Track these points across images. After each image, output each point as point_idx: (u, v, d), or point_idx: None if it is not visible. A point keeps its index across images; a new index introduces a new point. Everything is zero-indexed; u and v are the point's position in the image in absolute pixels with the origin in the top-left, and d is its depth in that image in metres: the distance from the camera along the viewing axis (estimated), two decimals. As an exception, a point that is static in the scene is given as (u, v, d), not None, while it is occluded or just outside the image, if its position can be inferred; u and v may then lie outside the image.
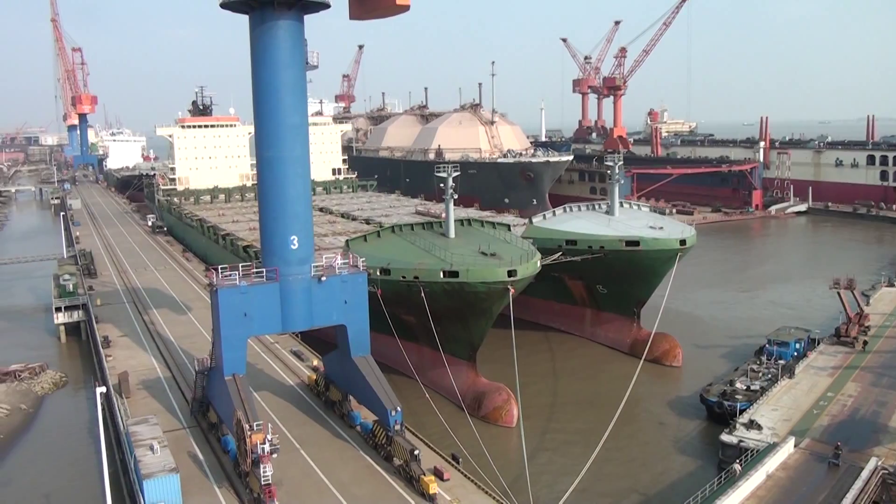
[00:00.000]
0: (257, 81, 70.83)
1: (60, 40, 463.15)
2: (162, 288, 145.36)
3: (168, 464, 64.37)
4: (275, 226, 72.39)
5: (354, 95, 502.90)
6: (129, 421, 76.02)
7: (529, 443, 79.77)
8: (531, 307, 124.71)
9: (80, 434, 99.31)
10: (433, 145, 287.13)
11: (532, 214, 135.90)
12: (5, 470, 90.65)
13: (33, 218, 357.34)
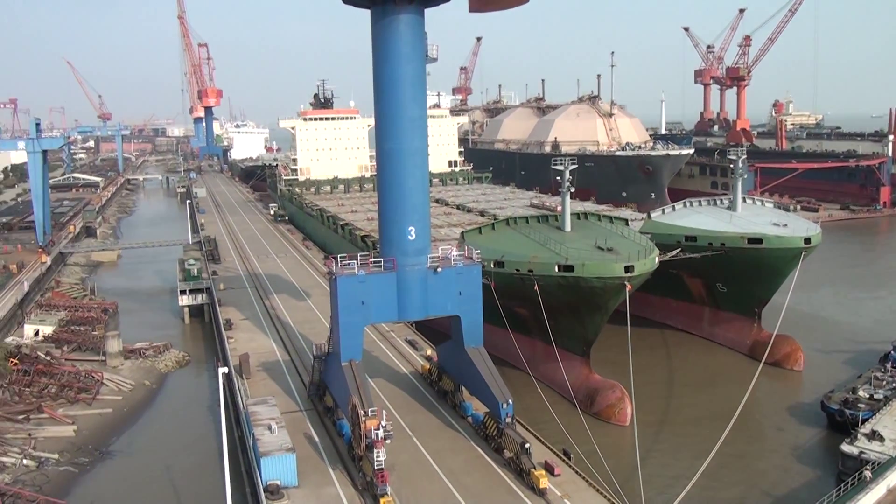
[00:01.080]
0: (378, 75, 72.10)
1: (187, 36, 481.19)
2: (282, 274, 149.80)
3: (285, 443, 66.69)
4: (393, 216, 73.65)
5: (471, 88, 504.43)
6: (248, 401, 79.17)
7: (642, 443, 78.60)
8: (648, 304, 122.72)
9: (199, 411, 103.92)
10: (549, 138, 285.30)
11: (650, 209, 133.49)
12: (129, 441, 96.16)
13: (160, 205, 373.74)
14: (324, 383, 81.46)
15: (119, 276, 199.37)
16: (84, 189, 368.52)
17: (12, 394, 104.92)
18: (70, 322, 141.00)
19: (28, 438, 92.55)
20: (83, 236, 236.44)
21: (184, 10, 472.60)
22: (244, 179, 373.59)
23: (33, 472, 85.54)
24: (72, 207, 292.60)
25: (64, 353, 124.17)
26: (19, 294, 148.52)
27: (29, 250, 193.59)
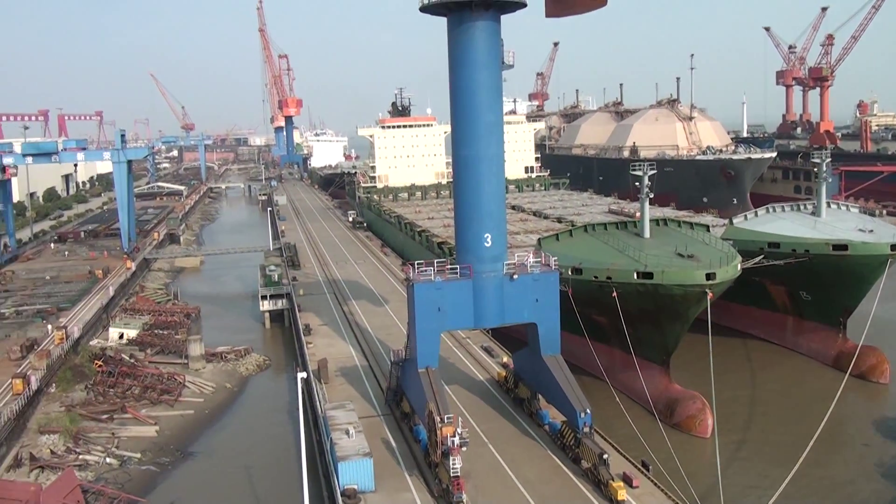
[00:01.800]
0: (454, 81, 72.23)
1: (268, 48, 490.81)
2: (361, 280, 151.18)
3: (362, 448, 67.06)
4: (469, 223, 73.57)
5: (548, 93, 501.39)
6: (326, 405, 79.89)
7: (723, 455, 76.59)
8: (729, 312, 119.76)
9: (278, 414, 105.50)
10: (628, 142, 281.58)
11: (732, 214, 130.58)
12: (209, 442, 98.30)
13: (242, 213, 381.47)
14: (401, 389, 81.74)
15: (202, 282, 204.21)
16: (168, 197, 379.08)
17: (97, 394, 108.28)
18: (154, 326, 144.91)
19: (111, 438, 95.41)
20: (167, 243, 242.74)
21: (264, 22, 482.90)
22: (323, 187, 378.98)
23: (116, 470, 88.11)
24: (156, 215, 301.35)
25: (147, 356, 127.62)
26: (104, 298, 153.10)
27: (114, 256, 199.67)
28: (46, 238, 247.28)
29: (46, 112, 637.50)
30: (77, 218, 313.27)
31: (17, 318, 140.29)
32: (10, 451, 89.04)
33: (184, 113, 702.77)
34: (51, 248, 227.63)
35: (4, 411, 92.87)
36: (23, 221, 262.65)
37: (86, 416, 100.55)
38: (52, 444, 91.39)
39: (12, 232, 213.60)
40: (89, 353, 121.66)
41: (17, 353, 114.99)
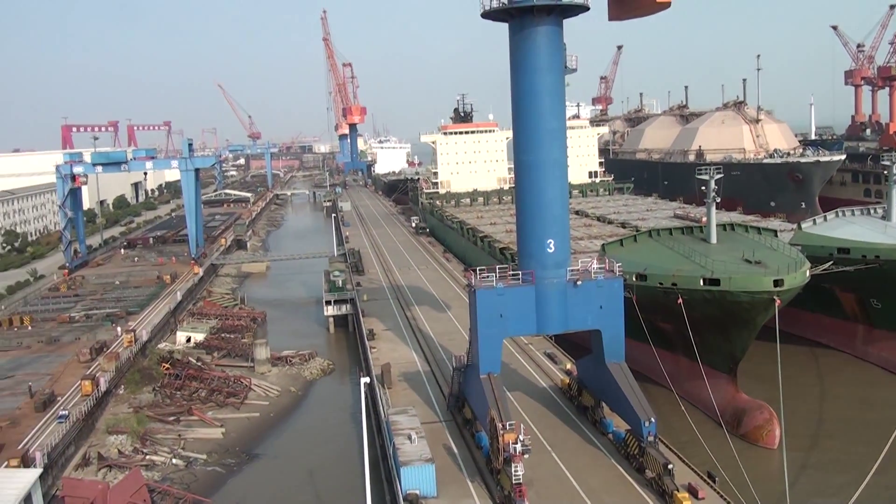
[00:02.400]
0: (516, 87, 71.94)
1: (332, 57, 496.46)
2: (423, 286, 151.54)
3: (425, 453, 67.08)
4: (532, 229, 73.18)
5: (612, 97, 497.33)
6: (389, 410, 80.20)
7: (791, 468, 74.47)
8: (798, 320, 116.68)
9: (342, 418, 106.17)
10: (693, 146, 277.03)
11: (801, 219, 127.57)
12: (275, 444, 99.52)
13: (307, 219, 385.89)
14: (463, 395, 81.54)
15: (267, 287, 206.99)
16: (235, 204, 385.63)
17: (164, 396, 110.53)
18: (220, 330, 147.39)
19: (178, 439, 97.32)
20: (234, 249, 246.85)
21: (329, 31, 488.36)
22: (387, 193, 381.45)
23: (182, 470, 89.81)
24: (223, 221, 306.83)
25: (214, 359, 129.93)
26: (172, 303, 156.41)
27: (182, 262, 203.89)
28: (116, 244, 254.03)
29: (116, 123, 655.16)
30: (146, 224, 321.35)
31: (86, 322, 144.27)
32: (78, 450, 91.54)
33: (250, 122, 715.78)
34: (120, 254, 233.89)
35: (74, 412, 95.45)
36: (93, 228, 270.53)
37: (153, 417, 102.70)
38: (120, 444, 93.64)
39: (83, 238, 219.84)
40: (157, 356, 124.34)
41: (87, 356, 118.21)
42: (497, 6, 70.21)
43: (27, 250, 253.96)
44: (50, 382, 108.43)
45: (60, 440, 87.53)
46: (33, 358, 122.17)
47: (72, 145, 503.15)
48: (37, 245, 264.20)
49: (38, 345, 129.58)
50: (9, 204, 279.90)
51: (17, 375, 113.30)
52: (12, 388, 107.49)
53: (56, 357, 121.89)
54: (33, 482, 69.30)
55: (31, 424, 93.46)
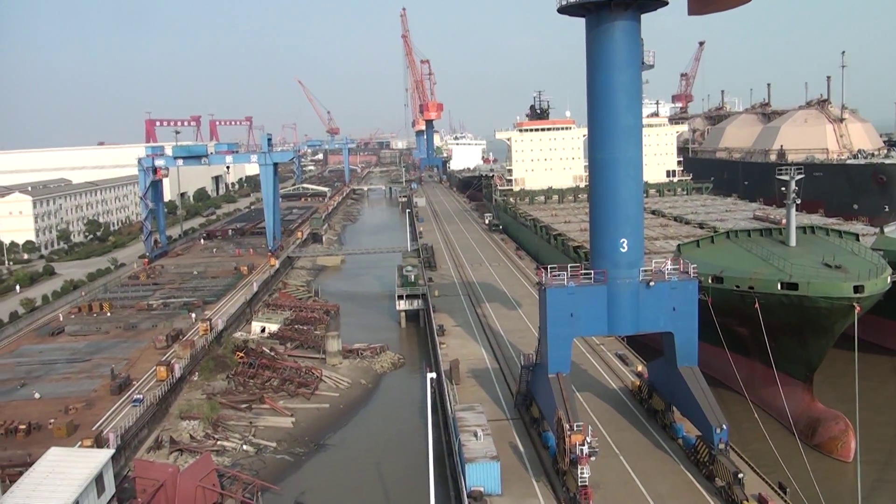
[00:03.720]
0: (592, 83, 70.80)
1: (410, 54, 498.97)
2: (494, 283, 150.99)
3: (490, 451, 66.59)
4: (605, 228, 71.91)
5: (692, 95, 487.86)
6: (456, 406, 79.87)
7: (865, 482, 71.81)
8: (879, 328, 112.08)
9: (410, 412, 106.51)
10: (775, 145, 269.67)
11: (884, 223, 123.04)
12: (343, 436, 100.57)
13: (382, 214, 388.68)
14: (531, 394, 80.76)
15: (341, 280, 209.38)
16: (312, 198, 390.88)
17: (237, 384, 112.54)
18: (294, 321, 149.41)
19: (249, 426, 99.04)
20: (310, 242, 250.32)
21: (407, 29, 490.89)
22: (461, 189, 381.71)
23: (252, 457, 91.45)
24: (300, 215, 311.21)
25: (287, 350, 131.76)
26: (248, 294, 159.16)
27: (259, 254, 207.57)
28: (196, 235, 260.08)
29: (199, 118, 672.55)
30: (225, 217, 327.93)
31: (164, 310, 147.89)
32: (151, 433, 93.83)
33: (329, 118, 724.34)
34: (200, 245, 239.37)
35: (148, 396, 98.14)
36: (174, 219, 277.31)
37: (225, 404, 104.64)
38: (192, 429, 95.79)
39: (163, 229, 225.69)
40: (232, 345, 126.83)
41: (163, 343, 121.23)
42: (574, 1, 69.13)
43: (109, 240, 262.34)
44: (126, 367, 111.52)
45: (134, 423, 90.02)
46: (111, 343, 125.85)
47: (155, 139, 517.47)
48: (118, 235, 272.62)
49: (116, 330, 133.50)
50: (92, 195, 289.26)
51: (94, 359, 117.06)
52: (90, 372, 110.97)
53: (133, 343, 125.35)
54: (105, 462, 71.13)
55: (106, 407, 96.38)
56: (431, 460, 66.45)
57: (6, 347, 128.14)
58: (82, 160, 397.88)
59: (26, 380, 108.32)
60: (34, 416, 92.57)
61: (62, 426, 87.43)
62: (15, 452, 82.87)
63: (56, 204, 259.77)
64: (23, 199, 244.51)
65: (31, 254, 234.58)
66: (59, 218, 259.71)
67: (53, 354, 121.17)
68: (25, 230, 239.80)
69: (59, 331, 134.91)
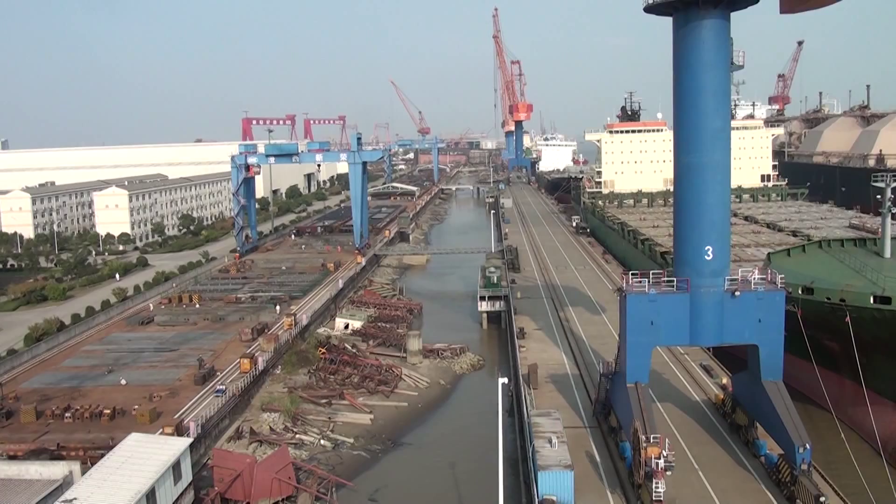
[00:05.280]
0: (678, 84, 68.81)
1: (501, 54, 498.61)
2: (579, 287, 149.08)
3: (564, 459, 65.22)
4: (689, 234, 69.80)
5: (789, 96, 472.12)
6: (533, 412, 78.72)
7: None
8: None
9: (488, 414, 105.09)
10: (874, 150, 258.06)
11: None
12: (420, 435, 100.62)
13: (469, 214, 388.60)
14: (609, 402, 79.18)
15: (426, 279, 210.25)
16: (401, 197, 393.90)
17: (318, 379, 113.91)
18: (377, 319, 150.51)
19: (328, 421, 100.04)
20: (397, 241, 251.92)
21: (499, 29, 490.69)
22: (549, 191, 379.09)
23: (329, 452, 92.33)
24: (388, 214, 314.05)
25: (369, 347, 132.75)
26: (334, 290, 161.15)
27: (347, 251, 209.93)
28: (286, 231, 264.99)
29: (293, 117, 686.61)
30: (315, 214, 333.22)
31: (251, 304, 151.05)
32: (232, 424, 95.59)
33: (420, 117, 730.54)
34: (289, 241, 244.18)
35: (231, 387, 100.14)
36: (265, 215, 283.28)
37: (306, 398, 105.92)
38: (272, 421, 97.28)
39: (254, 224, 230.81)
40: (315, 340, 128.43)
41: (248, 336, 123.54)
42: (661, 0, 67.48)
43: (202, 234, 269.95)
44: (211, 358, 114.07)
45: (215, 413, 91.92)
46: (199, 334, 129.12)
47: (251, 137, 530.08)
48: (211, 229, 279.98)
49: (204, 322, 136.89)
50: (186, 190, 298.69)
51: (181, 349, 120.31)
52: (176, 361, 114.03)
53: (220, 335, 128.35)
54: (183, 450, 72.50)
55: (189, 396, 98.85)
56: (501, 465, 65.56)
57: (97, 335, 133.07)
58: (179, 156, 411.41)
59: (114, 366, 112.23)
60: (119, 402, 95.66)
61: (145, 413, 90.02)
62: (98, 436, 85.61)
63: (151, 198, 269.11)
64: (119, 193, 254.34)
65: (126, 245, 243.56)
66: (153, 212, 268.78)
67: (142, 343, 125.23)
68: (121, 223, 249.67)
69: (148, 320, 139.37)
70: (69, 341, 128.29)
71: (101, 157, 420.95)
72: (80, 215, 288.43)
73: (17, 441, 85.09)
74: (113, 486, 63.85)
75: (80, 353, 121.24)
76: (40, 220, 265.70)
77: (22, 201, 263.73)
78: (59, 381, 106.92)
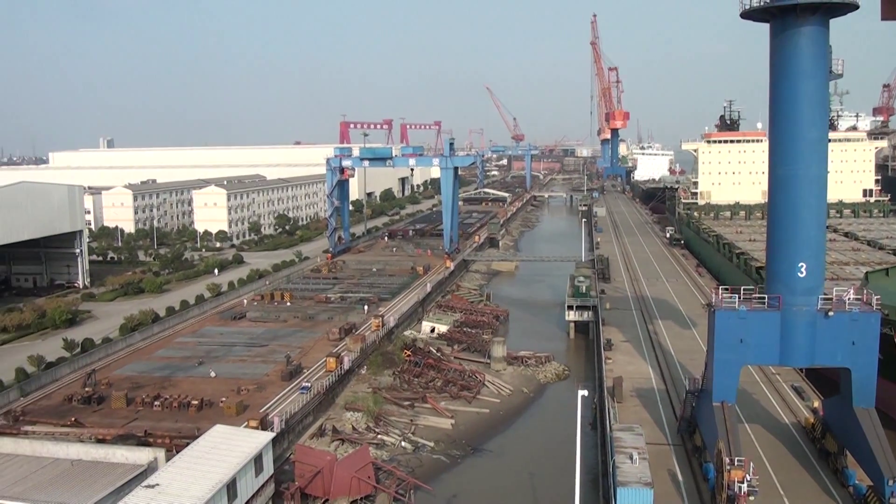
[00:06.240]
0: (774, 93, 66.61)
1: (598, 61, 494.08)
2: (670, 300, 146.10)
3: (644, 477, 63.62)
4: (782, 250, 67.41)
5: (894, 107, 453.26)
6: (616, 426, 77.27)
7: None
8: None
9: (569, 426, 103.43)
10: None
11: None
12: (500, 443, 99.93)
13: (561, 222, 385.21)
14: (694, 420, 77.08)
15: (514, 286, 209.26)
16: (493, 203, 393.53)
17: (402, 381, 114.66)
18: (463, 324, 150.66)
19: (409, 424, 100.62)
20: (486, 246, 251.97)
21: (597, 35, 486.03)
22: (644, 201, 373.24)
23: (409, 454, 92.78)
24: (479, 219, 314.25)
25: (454, 352, 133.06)
26: (422, 294, 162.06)
27: (436, 255, 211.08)
28: (378, 234, 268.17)
29: (390, 121, 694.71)
30: (408, 217, 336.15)
31: (341, 304, 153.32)
32: (316, 421, 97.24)
33: (515, 124, 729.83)
34: (381, 244, 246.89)
35: (316, 385, 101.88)
36: (358, 217, 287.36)
37: (389, 400, 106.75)
38: (355, 420, 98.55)
39: (347, 226, 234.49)
40: (401, 343, 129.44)
41: (336, 335, 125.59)
42: (757, 5, 65.39)
43: (296, 234, 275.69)
44: (299, 356, 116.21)
45: (300, 409, 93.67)
46: (288, 331, 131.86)
47: (348, 140, 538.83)
48: (305, 230, 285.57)
49: (294, 320, 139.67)
50: (283, 191, 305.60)
51: (270, 345, 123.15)
52: (265, 357, 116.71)
53: (308, 333, 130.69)
54: (265, 444, 73.92)
55: (275, 391, 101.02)
56: (578, 479, 64.72)
57: (190, 327, 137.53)
58: (278, 158, 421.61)
59: (205, 359, 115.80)
60: (207, 394, 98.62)
61: (232, 405, 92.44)
62: (185, 425, 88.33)
63: (249, 198, 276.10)
64: (218, 192, 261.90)
65: (222, 242, 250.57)
66: (250, 211, 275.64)
67: (233, 337, 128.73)
68: (219, 220, 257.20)
69: (240, 316, 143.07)
70: (163, 332, 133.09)
71: (202, 157, 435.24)
72: (180, 212, 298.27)
73: (106, 426, 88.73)
74: (195, 474, 65.58)
75: (173, 345, 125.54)
76: (141, 215, 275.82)
77: (124, 197, 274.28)
78: (151, 370, 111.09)
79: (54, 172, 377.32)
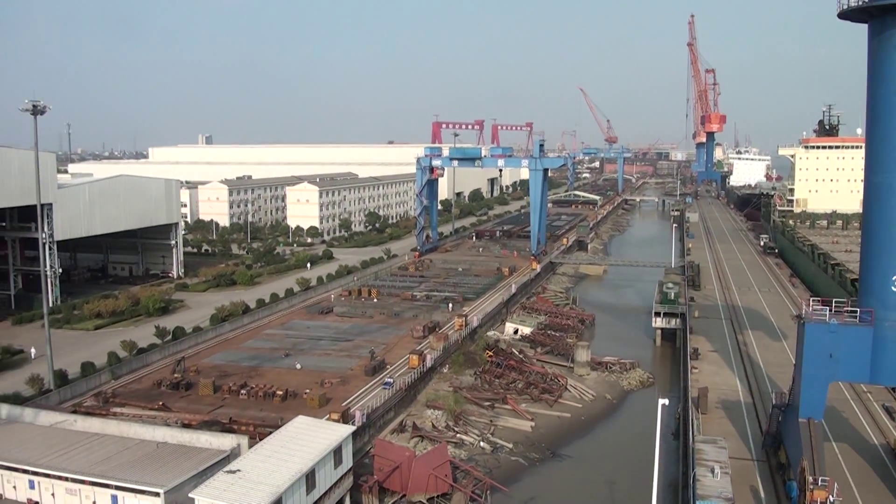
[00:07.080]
0: (872, 96, 64.23)
1: (695, 63, 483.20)
2: (761, 310, 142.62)
3: (725, 491, 62.36)
4: (876, 262, 64.94)
5: None
6: (698, 437, 75.94)
7: None
8: None
9: (652, 435, 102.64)
10: None
11: None
12: (580, 449, 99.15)
13: (652, 227, 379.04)
14: (780, 436, 75.13)
15: (601, 290, 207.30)
16: (583, 206, 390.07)
17: (483, 382, 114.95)
18: (548, 326, 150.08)
19: (489, 424, 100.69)
20: (574, 249, 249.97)
21: (694, 36, 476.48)
22: (739, 207, 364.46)
23: (487, 455, 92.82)
24: (568, 222, 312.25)
25: (536, 354, 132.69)
26: (506, 294, 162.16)
27: (523, 257, 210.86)
28: (466, 233, 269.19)
29: (482, 122, 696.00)
30: (496, 218, 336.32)
31: (426, 302, 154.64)
32: (397, 416, 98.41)
33: (608, 126, 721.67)
34: (469, 243, 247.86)
35: (398, 381, 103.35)
36: (447, 217, 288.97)
37: (470, 399, 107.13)
38: (435, 418, 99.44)
39: (435, 225, 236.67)
40: (484, 343, 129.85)
41: (420, 333, 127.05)
42: (855, 5, 63.12)
43: (386, 231, 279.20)
44: (383, 351, 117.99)
45: (381, 405, 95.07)
46: (374, 327, 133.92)
47: (440, 140, 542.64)
48: (395, 228, 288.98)
49: (380, 316, 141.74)
50: (374, 189, 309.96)
51: (356, 340, 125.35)
52: (350, 351, 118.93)
53: (393, 330, 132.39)
54: (345, 437, 75.01)
55: (358, 385, 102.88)
56: (655, 489, 63.99)
57: (278, 320, 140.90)
58: (370, 157, 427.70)
59: (291, 351, 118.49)
60: (292, 385, 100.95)
61: (315, 397, 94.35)
62: (269, 414, 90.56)
63: (340, 195, 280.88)
64: (310, 189, 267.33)
65: (313, 238, 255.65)
66: (342, 208, 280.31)
67: (319, 331, 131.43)
68: (311, 217, 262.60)
69: (328, 310, 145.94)
70: (252, 324, 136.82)
71: (296, 155, 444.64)
72: (273, 208, 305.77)
73: (192, 411, 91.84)
74: (276, 462, 67.21)
75: (262, 336, 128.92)
76: (235, 210, 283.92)
77: (220, 192, 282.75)
78: (239, 359, 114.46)
79: (153, 167, 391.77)
